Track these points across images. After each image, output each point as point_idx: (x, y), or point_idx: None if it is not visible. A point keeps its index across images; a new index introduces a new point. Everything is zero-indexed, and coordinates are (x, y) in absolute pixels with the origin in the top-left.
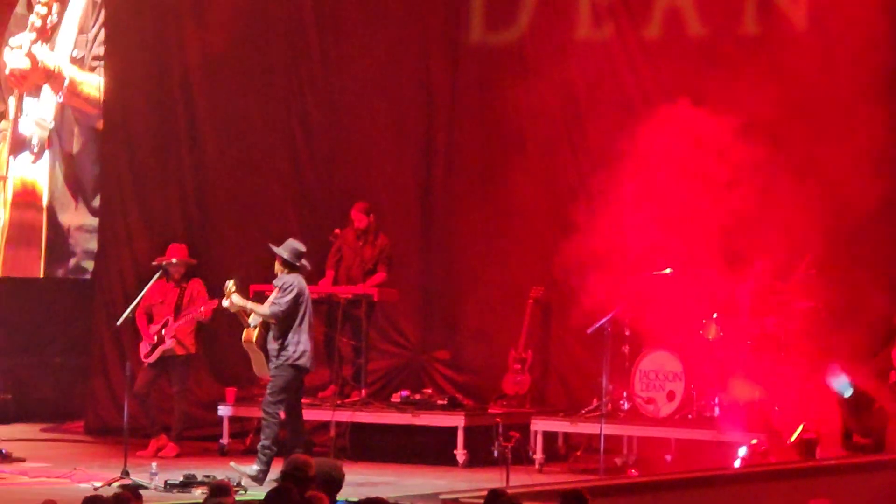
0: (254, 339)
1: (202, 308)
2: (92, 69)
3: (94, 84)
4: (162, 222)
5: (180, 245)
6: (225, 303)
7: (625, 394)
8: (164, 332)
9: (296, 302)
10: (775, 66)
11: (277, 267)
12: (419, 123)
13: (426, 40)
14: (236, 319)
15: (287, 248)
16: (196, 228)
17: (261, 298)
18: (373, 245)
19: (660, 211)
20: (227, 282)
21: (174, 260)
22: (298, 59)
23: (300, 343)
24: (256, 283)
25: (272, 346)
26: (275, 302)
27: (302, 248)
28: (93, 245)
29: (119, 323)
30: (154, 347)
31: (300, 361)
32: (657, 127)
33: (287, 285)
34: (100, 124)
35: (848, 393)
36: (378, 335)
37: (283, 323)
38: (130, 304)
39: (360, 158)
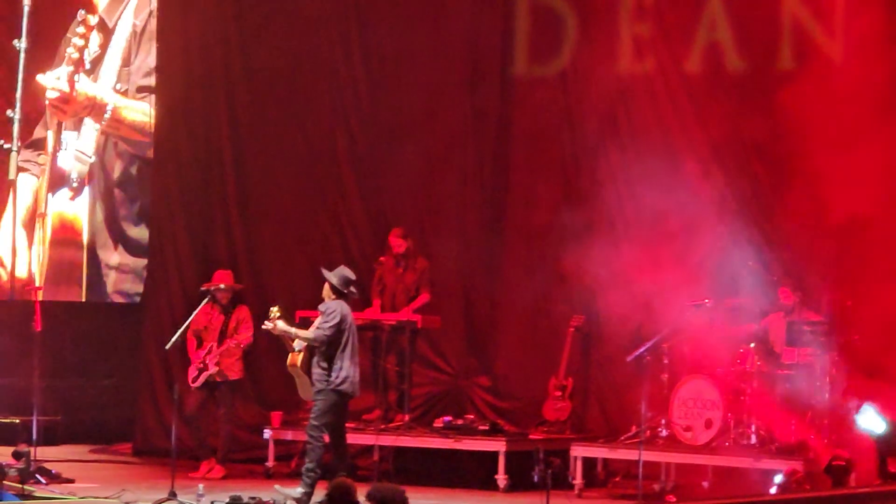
0: (298, 364)
1: (235, 343)
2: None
3: (140, 109)
4: (209, 249)
5: (226, 271)
6: (268, 325)
7: (663, 421)
8: (208, 357)
9: (339, 328)
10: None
11: (326, 291)
12: (464, 153)
13: (472, 71)
14: (281, 345)
15: (337, 275)
16: (242, 255)
17: (306, 324)
18: (413, 269)
19: (699, 242)
20: (272, 308)
21: (221, 286)
22: (343, 90)
23: (343, 369)
24: (302, 309)
25: (316, 370)
26: (319, 327)
27: (352, 276)
28: (128, 286)
29: (168, 347)
30: (200, 372)
31: (343, 387)
32: (697, 160)
33: (331, 311)
34: (150, 153)
35: (881, 430)
36: (421, 361)
37: (327, 348)
38: (178, 328)
39: (405, 186)
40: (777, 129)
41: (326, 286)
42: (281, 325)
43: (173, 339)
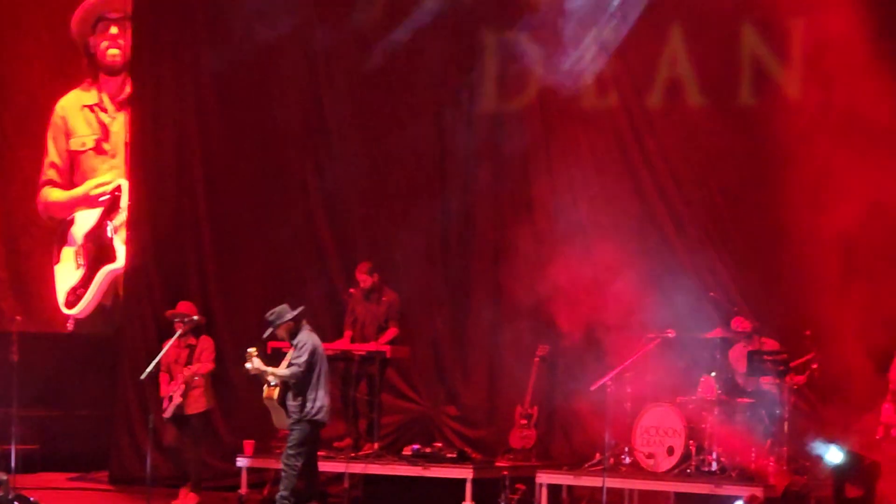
0: (275, 397)
1: (190, 373)
2: None
3: None
4: (182, 282)
5: (188, 303)
6: (248, 366)
7: (626, 448)
8: (174, 389)
9: (311, 360)
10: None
11: (282, 333)
12: (432, 186)
13: (441, 107)
14: (256, 378)
15: (285, 312)
16: (213, 288)
17: (278, 356)
18: (379, 303)
19: (663, 274)
20: (249, 349)
21: (188, 318)
22: (313, 130)
23: (317, 399)
24: (276, 341)
25: (291, 403)
26: (292, 362)
27: (278, 308)
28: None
29: (142, 378)
30: (170, 403)
31: (318, 416)
32: (660, 193)
33: (302, 345)
34: None
35: (838, 459)
36: (391, 391)
37: (301, 381)
38: (152, 358)
39: (375, 219)
40: (737, 162)
41: (284, 329)
42: (257, 363)
43: (147, 370)
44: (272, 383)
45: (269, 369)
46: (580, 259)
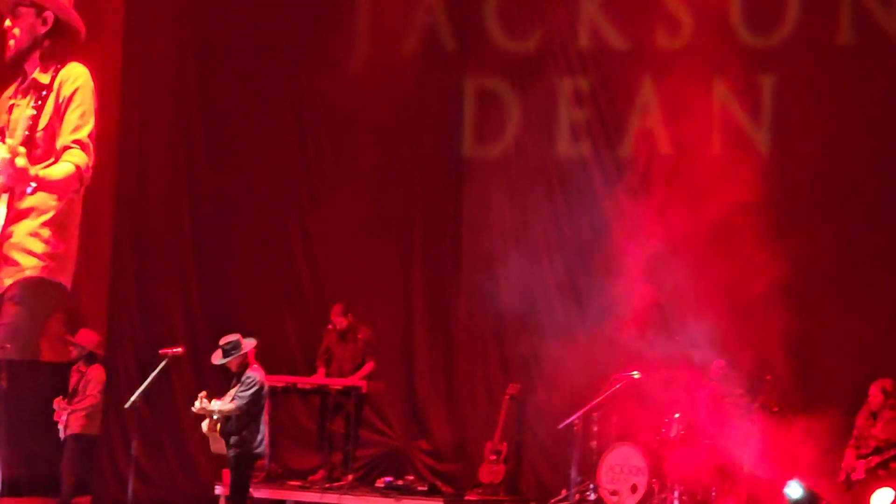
0: (217, 429)
1: (65, 403)
2: None
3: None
4: (167, 312)
5: (88, 331)
6: (195, 405)
7: (591, 485)
8: (61, 412)
9: (257, 396)
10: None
11: (233, 364)
12: (409, 227)
13: (418, 152)
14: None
15: (238, 346)
16: (198, 319)
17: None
18: (355, 342)
19: (630, 318)
20: (201, 392)
21: (80, 346)
22: (296, 171)
23: (260, 433)
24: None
25: (236, 437)
26: (238, 396)
27: (233, 338)
28: None
29: (126, 406)
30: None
31: (259, 450)
32: (629, 239)
33: (250, 381)
34: None
35: (796, 495)
36: (366, 425)
37: (244, 416)
38: (135, 389)
39: (350, 258)
40: (702, 213)
41: (237, 361)
42: (203, 403)
43: (131, 399)
44: (215, 416)
45: (216, 406)
46: (551, 302)
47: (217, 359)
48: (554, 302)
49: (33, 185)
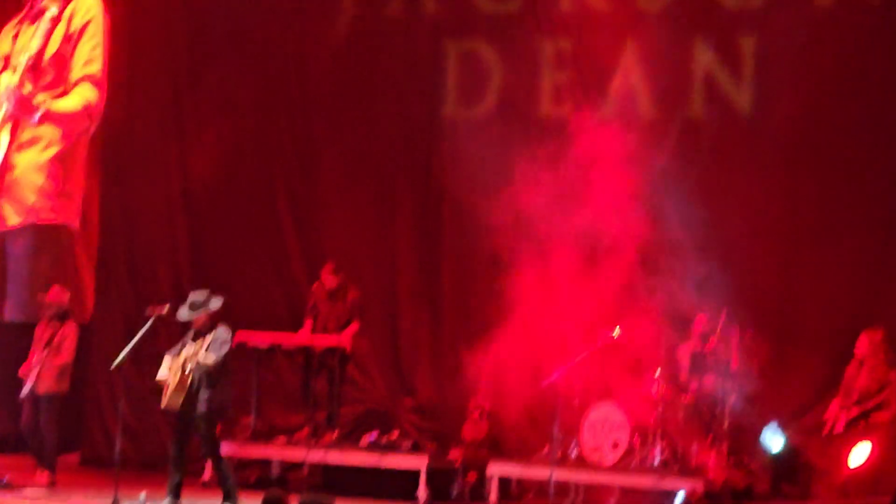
0: (187, 384)
1: (40, 358)
2: None
3: None
4: (155, 271)
5: (59, 287)
6: (183, 353)
7: (574, 442)
8: (30, 369)
9: (230, 352)
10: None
11: (200, 320)
12: (394, 189)
13: (404, 112)
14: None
15: (210, 301)
16: (185, 282)
17: (243, 349)
18: (344, 301)
19: (611, 274)
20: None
21: (52, 304)
22: (282, 132)
23: (228, 392)
24: (243, 329)
25: (205, 393)
26: (214, 350)
27: (203, 294)
28: None
29: (113, 367)
30: (26, 383)
31: (226, 407)
32: (609, 199)
33: (226, 336)
34: None
35: (778, 447)
36: (350, 383)
37: (216, 372)
38: (122, 348)
39: (337, 218)
40: (684, 172)
41: (206, 316)
42: (188, 352)
43: (117, 360)
44: (187, 371)
45: (201, 356)
46: (533, 256)
47: (184, 314)
48: (536, 255)
49: (39, 114)
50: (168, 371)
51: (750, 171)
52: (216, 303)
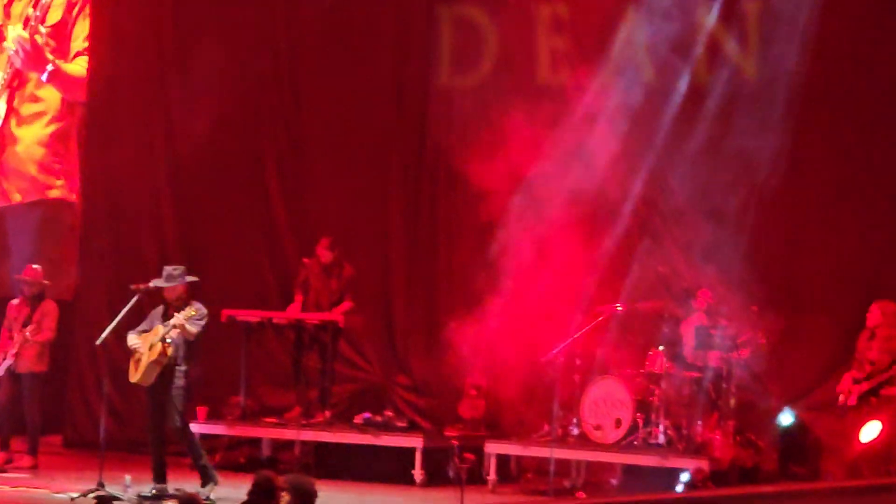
0: (165, 358)
1: (29, 335)
2: None
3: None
4: (140, 247)
5: (35, 268)
6: (178, 316)
7: (574, 420)
8: (9, 348)
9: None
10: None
11: (174, 292)
12: (387, 159)
13: (397, 81)
14: (210, 346)
15: (184, 275)
16: (172, 258)
17: (233, 324)
18: (339, 277)
19: (611, 243)
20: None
21: (30, 282)
22: (270, 96)
23: (199, 369)
24: (230, 307)
25: (180, 369)
26: (194, 322)
27: (180, 267)
28: None
29: (98, 342)
30: (3, 362)
31: (198, 383)
32: (609, 166)
33: (202, 310)
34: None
35: (787, 423)
36: (343, 360)
37: (192, 345)
38: (107, 323)
39: (329, 191)
40: (687, 138)
41: (181, 289)
42: (177, 319)
43: (103, 335)
44: (168, 340)
45: (188, 324)
46: (529, 229)
47: (158, 281)
48: (531, 228)
49: (50, 69)
50: (140, 342)
51: (756, 137)
52: (189, 279)
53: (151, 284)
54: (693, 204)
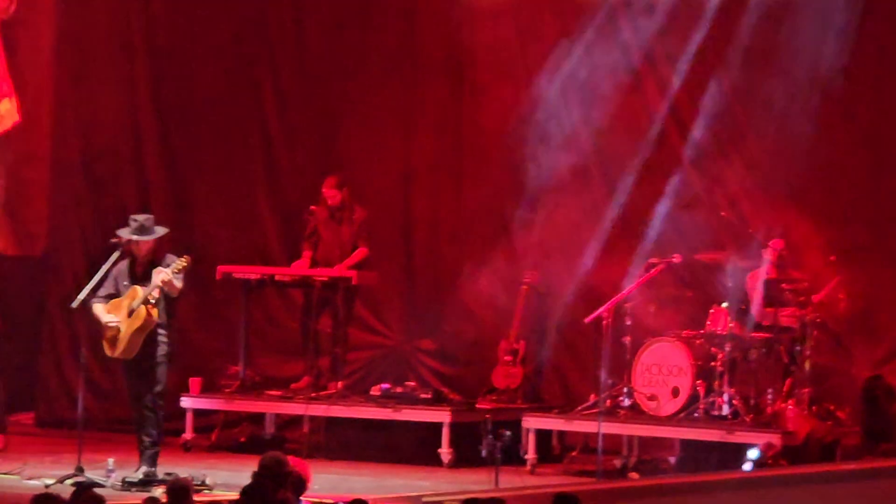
0: (155, 318)
1: None
2: None
3: None
4: (118, 194)
5: None
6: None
7: (625, 389)
8: None
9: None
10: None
11: (144, 246)
12: (402, 95)
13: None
14: (204, 309)
15: (157, 228)
16: (155, 202)
17: (230, 280)
18: (350, 221)
19: (662, 180)
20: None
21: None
22: (269, 30)
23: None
24: (223, 263)
25: (164, 334)
26: (177, 277)
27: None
28: None
29: (73, 305)
30: None
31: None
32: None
33: (182, 264)
34: None
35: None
36: (357, 322)
37: (173, 303)
38: (83, 284)
39: (338, 131)
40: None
41: (153, 243)
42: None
43: (79, 297)
44: (152, 301)
45: (177, 281)
46: (572, 169)
47: (129, 233)
48: (576, 167)
49: None
50: (115, 315)
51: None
52: (161, 231)
53: (123, 237)
54: (756, 129)
